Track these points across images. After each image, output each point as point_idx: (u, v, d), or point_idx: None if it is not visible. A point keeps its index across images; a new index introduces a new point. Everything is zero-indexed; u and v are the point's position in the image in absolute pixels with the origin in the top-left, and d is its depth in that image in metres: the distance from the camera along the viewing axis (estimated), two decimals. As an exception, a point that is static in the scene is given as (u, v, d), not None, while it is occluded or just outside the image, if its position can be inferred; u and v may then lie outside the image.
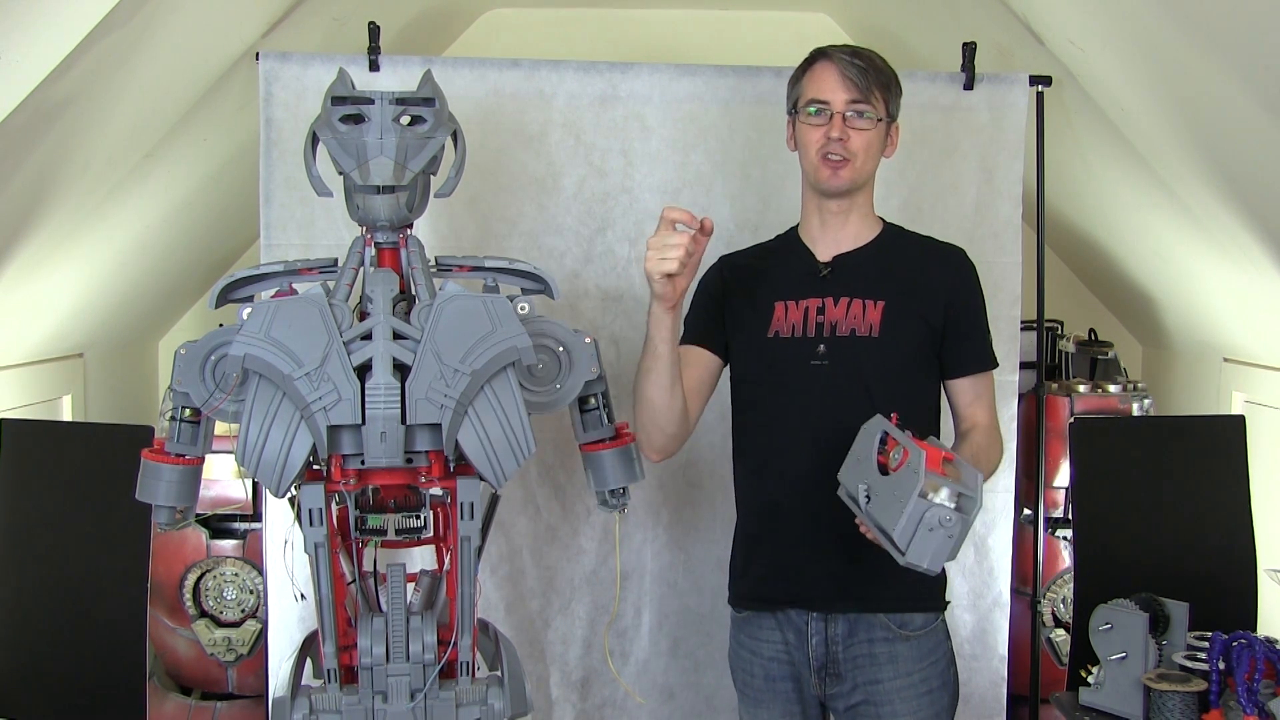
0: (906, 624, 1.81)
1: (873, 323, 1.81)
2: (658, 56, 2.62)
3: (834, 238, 1.89)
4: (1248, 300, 2.61)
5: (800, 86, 1.86)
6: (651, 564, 2.54)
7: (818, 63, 1.84)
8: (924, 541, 1.50)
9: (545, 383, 1.74)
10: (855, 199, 1.87)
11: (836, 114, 1.80)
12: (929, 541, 1.49)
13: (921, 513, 1.49)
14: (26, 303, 2.46)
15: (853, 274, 1.86)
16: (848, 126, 1.80)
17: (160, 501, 1.71)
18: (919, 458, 1.52)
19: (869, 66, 1.80)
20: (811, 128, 1.83)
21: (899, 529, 1.50)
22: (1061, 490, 2.77)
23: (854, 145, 1.80)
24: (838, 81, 1.80)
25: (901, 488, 1.53)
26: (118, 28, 1.89)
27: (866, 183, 1.87)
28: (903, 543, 1.51)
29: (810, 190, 1.89)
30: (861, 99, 1.79)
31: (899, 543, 1.51)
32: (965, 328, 1.87)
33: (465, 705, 1.70)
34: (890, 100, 1.84)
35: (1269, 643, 1.87)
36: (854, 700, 1.82)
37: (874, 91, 1.80)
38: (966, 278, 1.90)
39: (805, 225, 1.93)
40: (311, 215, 2.38)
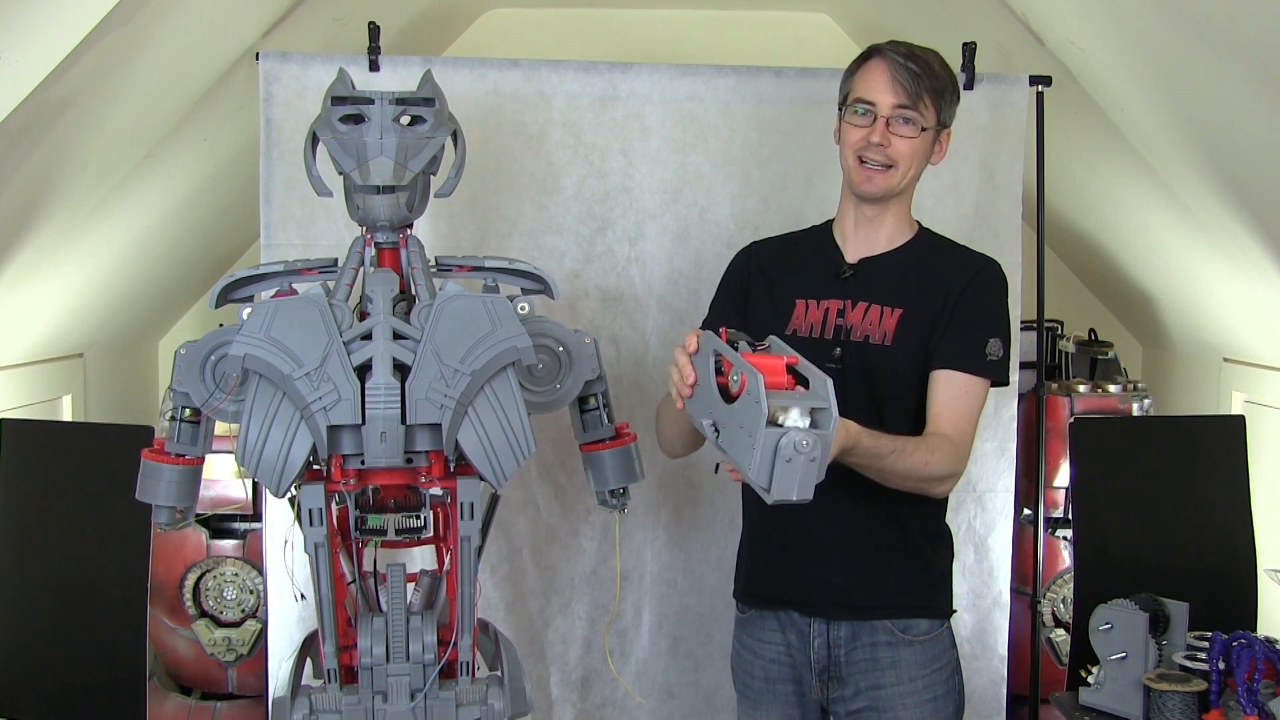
0: (910, 629, 1.80)
1: (887, 330, 1.77)
2: (658, 56, 2.62)
3: (866, 239, 1.84)
4: (1248, 300, 2.61)
5: (851, 82, 1.79)
6: (651, 564, 2.54)
7: (871, 59, 1.76)
8: (785, 475, 1.33)
9: (545, 383, 1.74)
10: (890, 204, 1.81)
11: (881, 118, 1.73)
12: (791, 473, 1.33)
13: (774, 444, 1.33)
14: (26, 303, 2.46)
15: (874, 279, 1.81)
16: (890, 132, 1.73)
17: (160, 501, 1.71)
18: (755, 381, 1.36)
19: (923, 71, 1.72)
20: (854, 128, 1.76)
21: (754, 468, 1.34)
22: (1061, 490, 2.77)
23: (895, 152, 1.74)
24: (887, 84, 1.73)
25: (747, 419, 1.37)
26: (118, 28, 1.89)
27: (904, 189, 1.80)
28: (763, 481, 1.35)
29: (848, 190, 1.84)
30: (909, 104, 1.72)
31: (759, 483, 1.35)
32: (954, 326, 1.77)
33: (465, 705, 1.70)
34: (943, 108, 1.77)
35: (1269, 643, 1.87)
36: (856, 705, 1.80)
37: (924, 98, 1.73)
38: (980, 282, 1.81)
39: (839, 222, 1.88)
40: (311, 215, 2.38)
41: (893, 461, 1.63)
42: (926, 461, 1.67)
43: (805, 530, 1.82)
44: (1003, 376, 1.80)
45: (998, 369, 1.78)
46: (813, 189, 2.45)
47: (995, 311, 1.81)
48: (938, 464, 1.69)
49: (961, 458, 1.74)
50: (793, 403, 1.36)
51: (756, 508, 1.92)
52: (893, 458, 1.63)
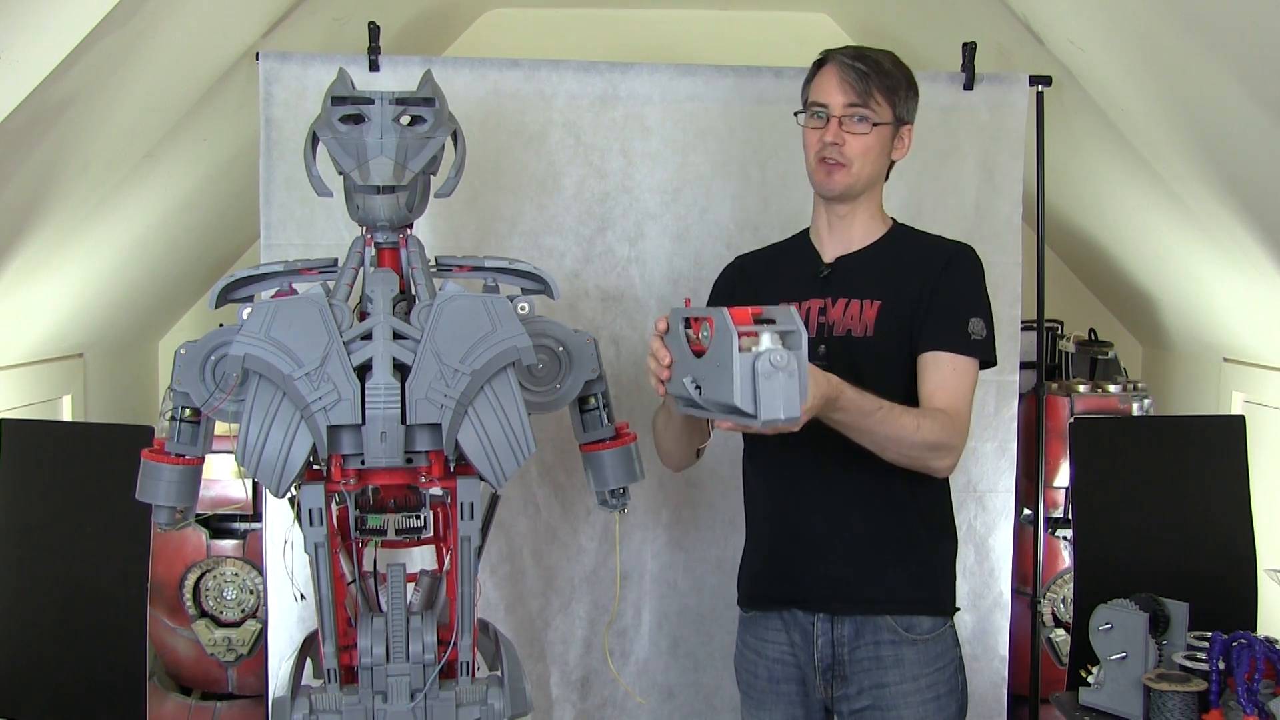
0: (913, 628, 1.80)
1: (868, 322, 1.80)
2: (658, 56, 2.62)
3: (840, 238, 1.87)
4: (1248, 300, 2.61)
5: (809, 89, 1.85)
6: (651, 564, 2.54)
7: (824, 65, 1.82)
8: (769, 393, 1.36)
9: (545, 383, 1.74)
10: (860, 201, 1.85)
11: (833, 118, 1.79)
12: (773, 390, 1.37)
13: (750, 365, 1.37)
14: (26, 303, 2.46)
15: (852, 275, 1.85)
16: (844, 130, 1.78)
17: (160, 501, 1.71)
18: (723, 316, 1.40)
19: (871, 70, 1.77)
20: (811, 130, 1.82)
21: (738, 394, 1.37)
22: (1061, 490, 2.77)
23: (850, 150, 1.78)
24: (837, 85, 1.78)
25: (720, 353, 1.40)
26: (118, 28, 1.89)
27: (868, 186, 1.84)
28: (748, 405, 1.37)
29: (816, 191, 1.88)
30: (860, 103, 1.77)
31: (745, 408, 1.38)
32: (934, 309, 1.79)
33: (465, 705, 1.70)
34: (897, 103, 1.81)
35: (1269, 643, 1.87)
36: (860, 704, 1.80)
37: (874, 95, 1.77)
38: (955, 265, 1.83)
39: (814, 226, 1.92)
40: (311, 215, 2.38)
41: (881, 420, 1.64)
42: (918, 425, 1.68)
43: (808, 527, 1.82)
44: (989, 355, 1.81)
45: (982, 348, 1.79)
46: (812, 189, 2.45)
47: (974, 292, 1.83)
48: (929, 430, 1.69)
49: (958, 430, 1.74)
50: (761, 330, 1.40)
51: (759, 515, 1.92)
52: (880, 414, 1.64)
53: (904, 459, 1.71)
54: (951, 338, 1.77)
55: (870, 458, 1.75)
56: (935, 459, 1.73)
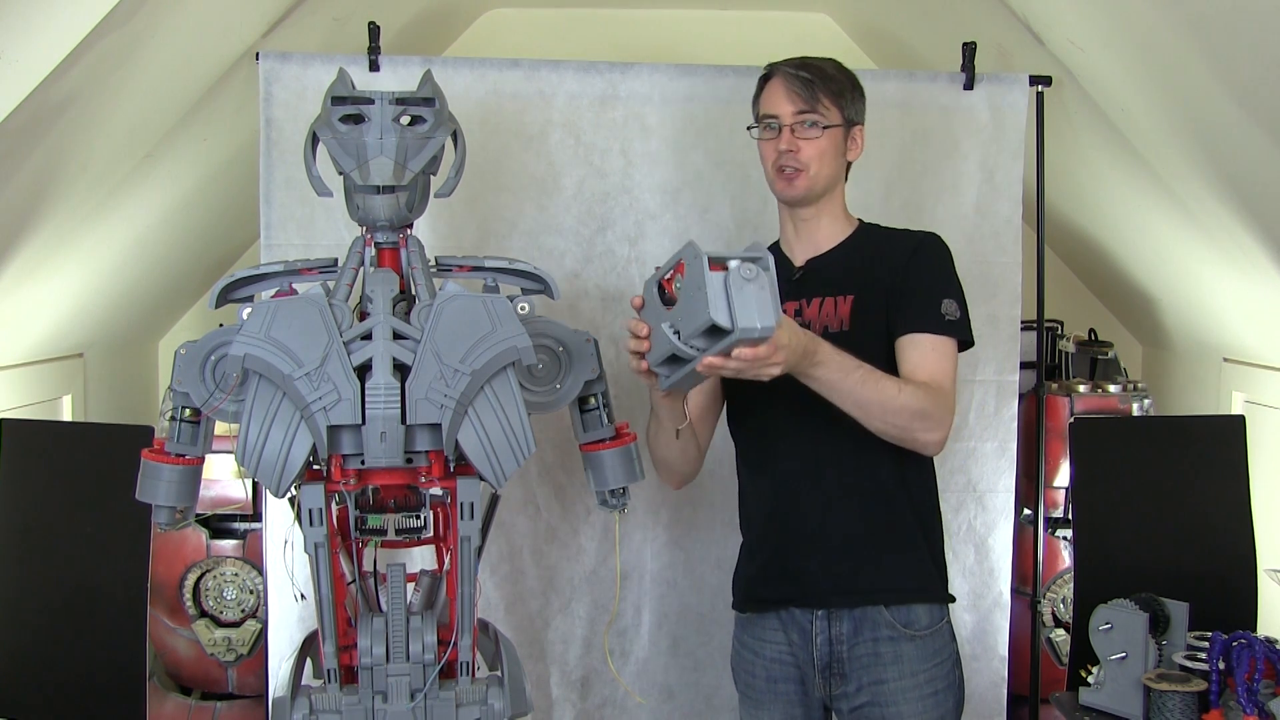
0: (911, 623, 1.81)
1: (843, 317, 1.83)
2: (658, 56, 2.62)
3: (808, 241, 1.91)
4: (1248, 300, 2.61)
5: (757, 104, 1.91)
6: (651, 564, 2.54)
7: (769, 79, 1.88)
8: (742, 303, 1.43)
9: (545, 383, 1.75)
10: (822, 204, 1.89)
11: (785, 126, 1.83)
12: (746, 300, 1.43)
13: (722, 280, 1.43)
14: (26, 303, 2.46)
15: (823, 274, 1.88)
16: (796, 137, 1.83)
17: (160, 501, 1.71)
18: (690, 245, 1.48)
19: (815, 76, 1.83)
20: (765, 142, 1.87)
21: (713, 308, 1.42)
22: (1061, 490, 2.77)
23: (804, 155, 1.83)
24: (784, 95, 1.83)
25: (693, 281, 1.46)
26: (118, 28, 1.89)
27: (828, 189, 1.88)
28: (724, 318, 1.43)
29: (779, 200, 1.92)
30: (808, 109, 1.82)
31: (721, 320, 1.43)
32: (907, 293, 1.82)
33: (465, 705, 1.70)
34: (845, 105, 1.86)
35: (1269, 643, 1.87)
36: (859, 701, 1.82)
37: (821, 100, 1.83)
38: (921, 251, 1.86)
39: (783, 235, 1.96)
40: (311, 215, 2.38)
41: (862, 380, 1.67)
42: (899, 390, 1.71)
43: (800, 525, 1.84)
44: (965, 335, 1.83)
45: (958, 328, 1.82)
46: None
47: (943, 275, 1.86)
48: (912, 396, 1.71)
49: (943, 404, 1.76)
50: (727, 253, 1.47)
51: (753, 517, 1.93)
52: (861, 374, 1.67)
53: (890, 427, 1.72)
54: (926, 319, 1.80)
55: (858, 452, 1.78)
56: (922, 430, 1.74)
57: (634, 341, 1.64)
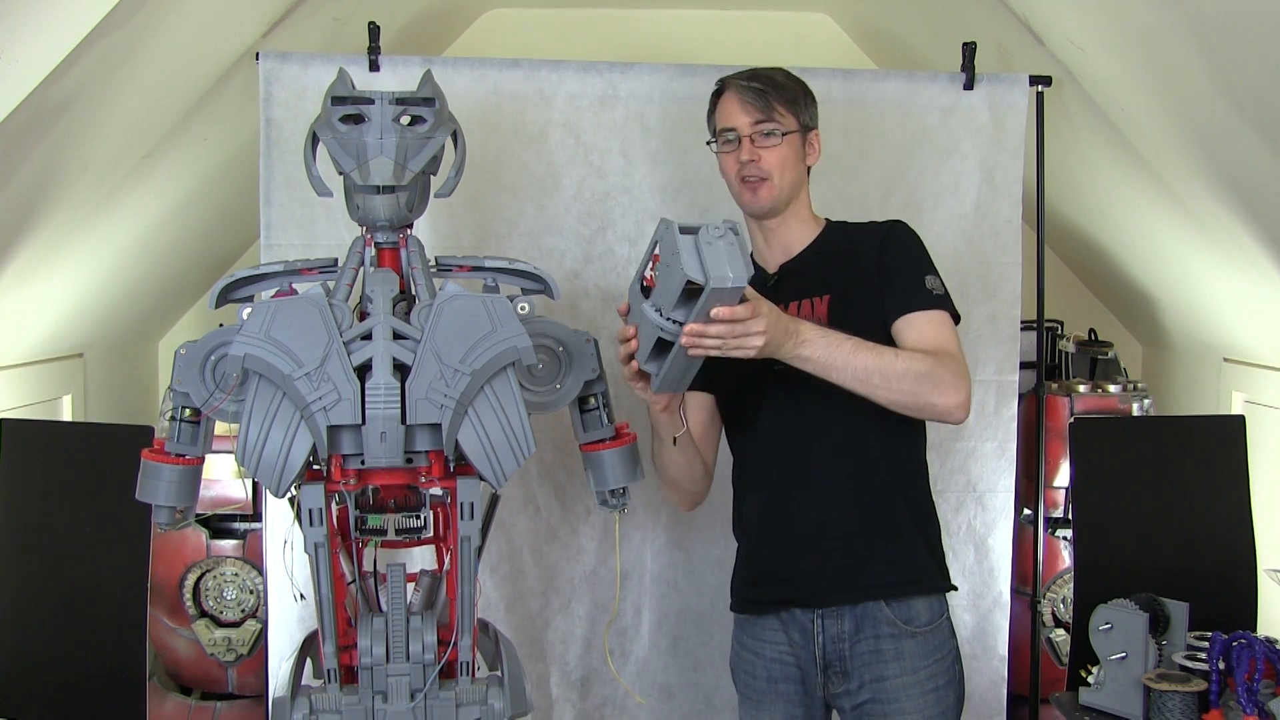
0: (912, 619, 1.81)
1: (820, 316, 1.82)
2: (658, 56, 2.62)
3: (779, 248, 1.92)
4: (1248, 300, 2.61)
5: (713, 120, 1.92)
6: (651, 564, 2.54)
7: (721, 94, 1.89)
8: (713, 258, 1.48)
9: (545, 383, 1.74)
10: (788, 211, 1.89)
11: (744, 138, 1.84)
12: (717, 255, 1.49)
13: (693, 241, 1.50)
14: (26, 303, 2.46)
15: (797, 276, 1.89)
16: (757, 147, 1.84)
17: (160, 501, 1.71)
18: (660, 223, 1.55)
19: (767, 86, 1.85)
20: (726, 156, 1.88)
21: (688, 268, 1.48)
22: (1061, 490, 2.77)
23: (767, 164, 1.84)
24: (738, 107, 1.85)
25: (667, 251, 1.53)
26: (118, 28, 1.89)
27: (792, 195, 1.88)
28: (697, 274, 1.48)
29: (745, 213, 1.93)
30: (765, 118, 1.83)
31: (695, 277, 1.49)
32: (889, 279, 1.82)
33: (465, 705, 1.70)
34: (799, 112, 1.87)
35: (1269, 643, 1.87)
36: (861, 699, 1.82)
37: (776, 108, 1.84)
38: (891, 238, 1.87)
39: (754, 245, 1.96)
40: (311, 215, 2.38)
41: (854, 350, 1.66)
42: (898, 355, 1.70)
43: (797, 524, 1.84)
44: (954, 309, 1.83)
45: (946, 302, 1.81)
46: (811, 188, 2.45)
47: (919, 255, 1.86)
48: (912, 359, 1.70)
49: (949, 366, 1.72)
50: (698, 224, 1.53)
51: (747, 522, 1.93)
52: (852, 345, 1.67)
53: (900, 395, 1.69)
54: (915, 298, 1.80)
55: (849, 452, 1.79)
56: (934, 394, 1.70)
57: (623, 346, 1.66)
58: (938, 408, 1.72)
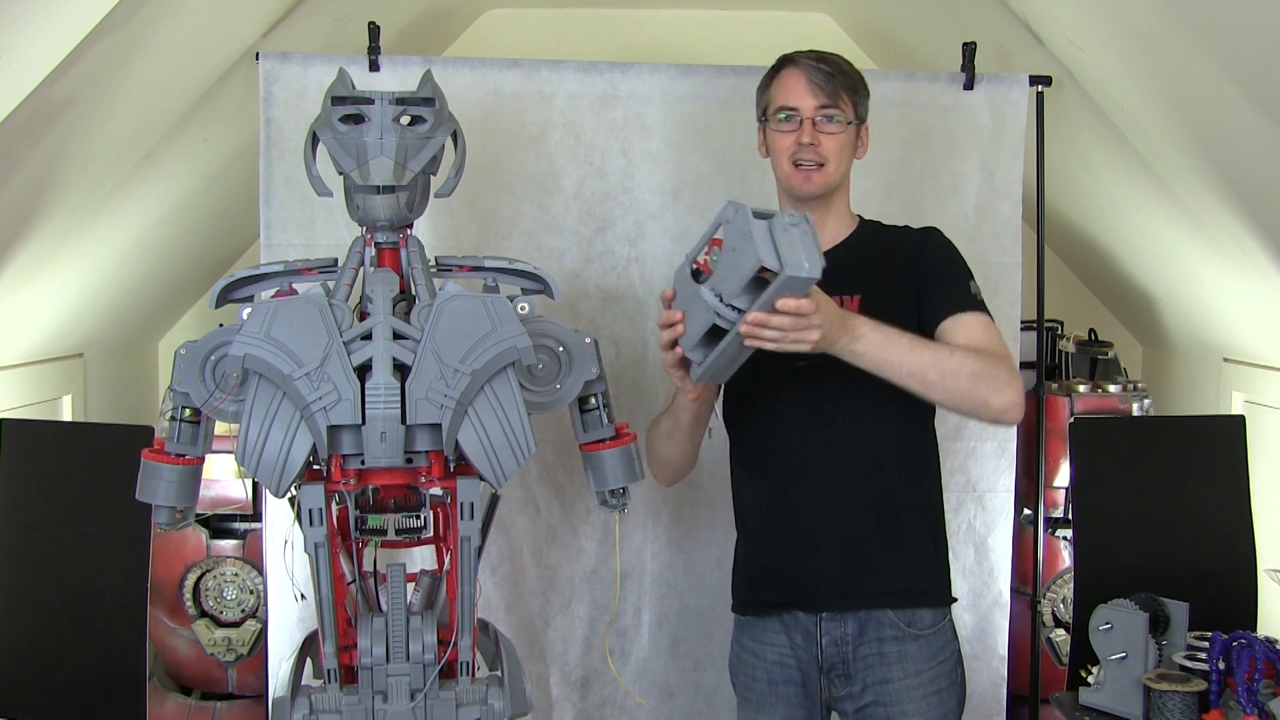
0: (915, 622, 1.81)
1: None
2: (658, 56, 2.62)
3: None
4: (1248, 300, 2.61)
5: (769, 94, 1.86)
6: (651, 564, 2.54)
7: (784, 69, 1.83)
8: (790, 246, 1.44)
9: (545, 383, 1.74)
10: (830, 202, 1.86)
11: (806, 119, 1.80)
12: (793, 242, 1.44)
13: (767, 226, 1.46)
14: (26, 303, 2.46)
15: (829, 272, 1.83)
16: (818, 131, 1.80)
17: (160, 501, 1.71)
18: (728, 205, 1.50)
19: (835, 70, 1.81)
20: (782, 134, 1.82)
21: (762, 253, 1.43)
22: (1061, 490, 2.77)
23: (825, 150, 1.80)
24: (805, 87, 1.80)
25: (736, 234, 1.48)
26: (118, 28, 1.89)
27: (840, 185, 1.86)
28: (773, 260, 1.44)
29: (786, 197, 1.89)
30: (830, 103, 1.79)
31: (770, 263, 1.44)
32: (934, 283, 1.81)
33: (465, 705, 1.70)
34: (858, 103, 1.84)
35: (1269, 643, 1.87)
36: (863, 701, 1.81)
37: (842, 95, 1.80)
38: (930, 245, 1.86)
39: None
40: (311, 215, 2.38)
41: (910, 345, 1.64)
42: (952, 351, 1.67)
43: (804, 525, 1.82)
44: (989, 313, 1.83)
45: (986, 306, 1.81)
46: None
47: (960, 261, 1.85)
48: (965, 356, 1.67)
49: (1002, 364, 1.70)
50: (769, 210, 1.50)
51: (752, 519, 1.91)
52: (908, 340, 1.64)
53: (953, 394, 1.67)
54: (960, 301, 1.78)
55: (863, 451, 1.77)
56: (989, 392, 1.67)
57: (666, 331, 1.62)
58: (992, 407, 1.69)
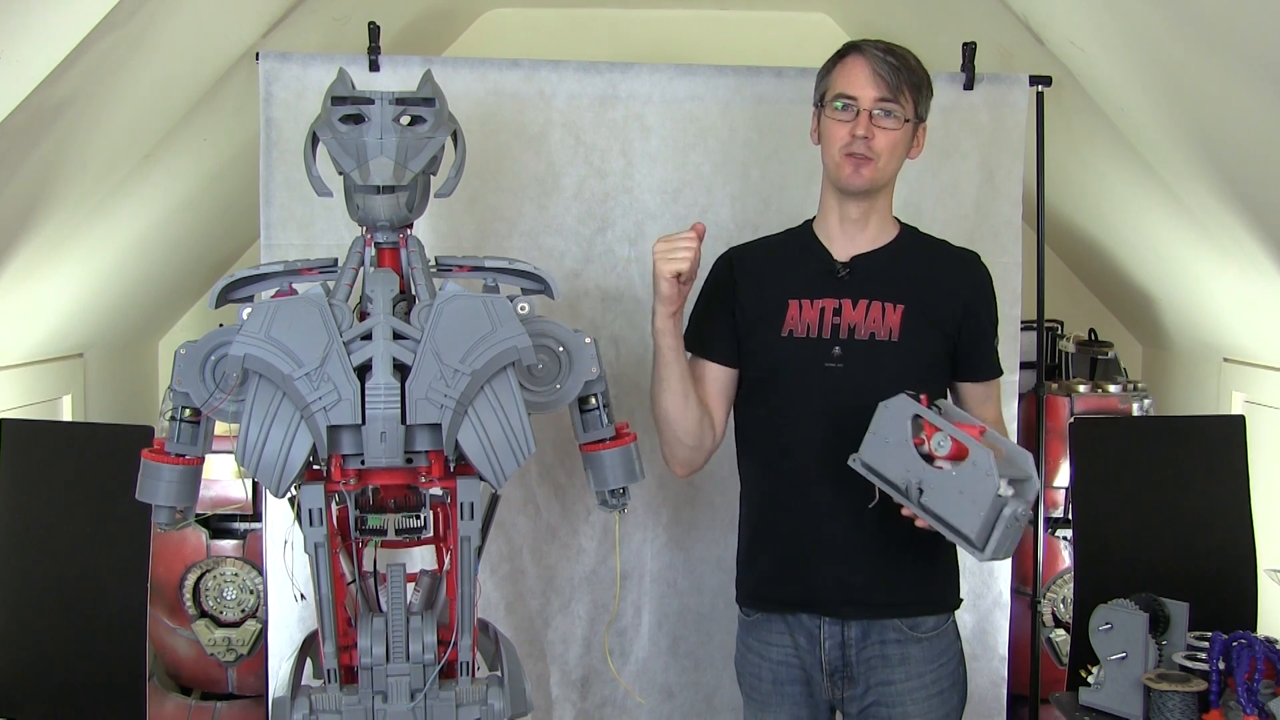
0: (919, 625, 1.81)
1: (892, 327, 1.79)
2: (658, 56, 2.62)
3: (852, 238, 1.85)
4: (1248, 300, 2.61)
5: (830, 79, 1.80)
6: (651, 564, 2.54)
7: (849, 56, 1.78)
8: (1004, 538, 1.54)
9: (545, 383, 1.74)
10: (876, 200, 1.83)
11: (864, 111, 1.75)
12: (1008, 536, 1.54)
13: (999, 510, 1.53)
14: (26, 303, 2.46)
15: (871, 276, 1.82)
16: (874, 125, 1.75)
17: (160, 501, 1.71)
18: (983, 456, 1.55)
19: (901, 65, 1.75)
20: (837, 123, 1.77)
21: (977, 530, 1.55)
22: (1061, 490, 2.77)
23: (879, 144, 1.76)
24: (868, 78, 1.75)
25: (970, 486, 1.56)
26: (118, 28, 1.89)
27: (888, 183, 1.82)
28: (981, 542, 1.55)
29: (831, 187, 1.85)
30: (890, 98, 1.74)
31: (977, 542, 1.56)
32: (979, 334, 1.87)
33: (465, 705, 1.70)
34: (920, 101, 1.79)
35: (1269, 643, 1.87)
36: (866, 702, 1.81)
37: (904, 91, 1.75)
38: (982, 284, 1.90)
39: (822, 221, 1.89)
40: (311, 215, 2.38)
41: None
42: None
43: (817, 532, 1.81)
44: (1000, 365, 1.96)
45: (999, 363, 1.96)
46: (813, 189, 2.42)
47: (995, 313, 1.94)
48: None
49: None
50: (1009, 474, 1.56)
51: (759, 508, 1.91)
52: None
53: None
54: (990, 367, 1.92)
55: None
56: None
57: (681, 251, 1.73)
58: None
